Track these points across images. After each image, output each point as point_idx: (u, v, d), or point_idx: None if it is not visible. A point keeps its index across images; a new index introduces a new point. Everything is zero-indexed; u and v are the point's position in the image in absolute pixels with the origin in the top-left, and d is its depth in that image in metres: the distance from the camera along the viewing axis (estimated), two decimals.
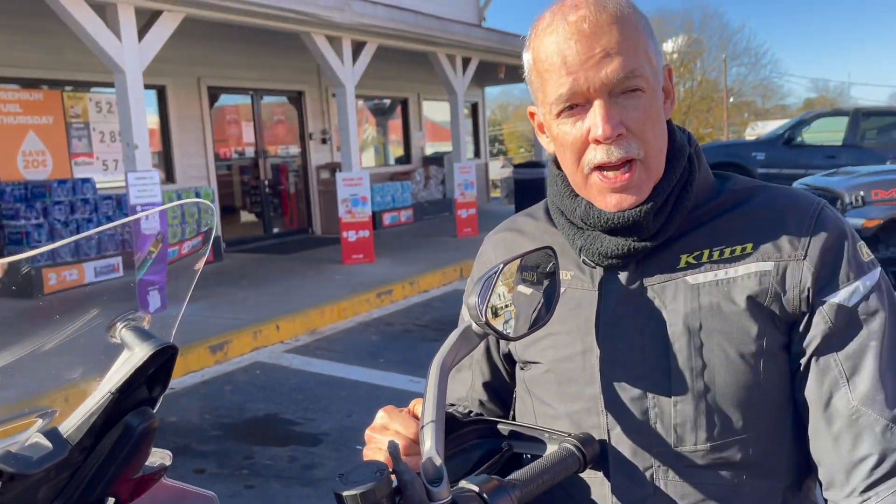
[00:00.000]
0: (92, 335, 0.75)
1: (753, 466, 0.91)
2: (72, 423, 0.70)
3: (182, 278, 0.85)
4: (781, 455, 0.92)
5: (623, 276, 0.95)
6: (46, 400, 0.90)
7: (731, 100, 41.97)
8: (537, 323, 0.92)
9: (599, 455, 0.93)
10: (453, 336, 0.91)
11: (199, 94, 10.23)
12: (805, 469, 0.95)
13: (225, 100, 11.03)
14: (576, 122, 0.90)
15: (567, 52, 0.88)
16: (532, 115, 1.02)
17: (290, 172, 11.94)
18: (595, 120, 0.88)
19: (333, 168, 11.63)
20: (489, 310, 0.87)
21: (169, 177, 9.65)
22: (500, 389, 1.13)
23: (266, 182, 11.47)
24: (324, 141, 12.31)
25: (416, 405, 0.95)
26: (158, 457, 0.83)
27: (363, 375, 5.28)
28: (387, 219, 12.39)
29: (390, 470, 0.76)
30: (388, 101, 14.34)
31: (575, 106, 0.90)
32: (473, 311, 0.87)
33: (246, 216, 11.56)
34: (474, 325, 0.89)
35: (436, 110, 15.45)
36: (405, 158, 14.60)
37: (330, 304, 6.82)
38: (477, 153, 16.51)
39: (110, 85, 8.30)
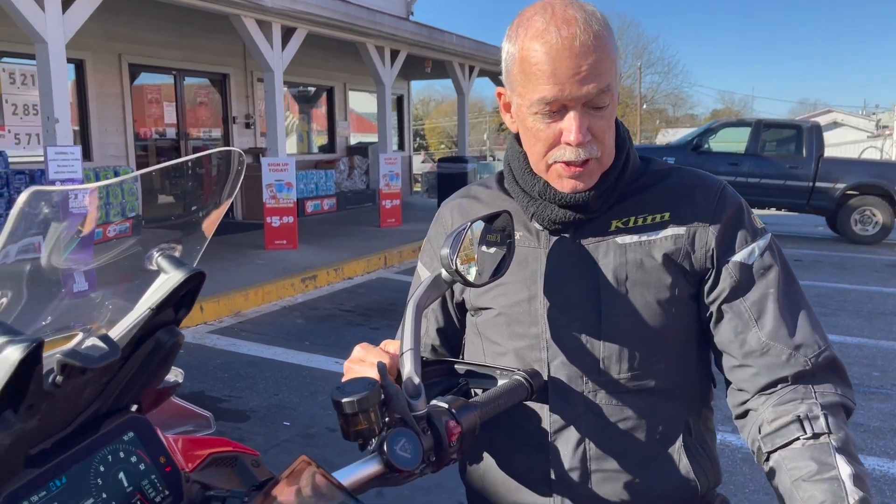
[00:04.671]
0: (129, 264, 0.88)
1: (664, 392, 1.11)
2: (117, 332, 0.83)
3: (196, 234, 0.98)
4: (686, 384, 1.13)
5: (565, 237, 1.14)
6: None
7: (645, 107, 43.55)
8: (497, 273, 1.10)
9: (543, 388, 1.12)
10: (426, 282, 1.07)
11: (119, 71, 9.95)
12: (705, 399, 1.16)
13: (146, 78, 10.75)
14: (550, 123, 1.05)
15: (558, 65, 1.01)
16: (500, 94, 1.16)
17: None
18: (570, 127, 1.04)
19: (257, 153, 11.52)
20: (458, 260, 1.04)
21: (86, 154, 9.35)
22: (451, 335, 1.29)
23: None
24: (247, 125, 12.17)
25: (386, 344, 1.11)
26: (173, 374, 0.96)
27: (289, 357, 5.36)
28: (310, 206, 12.37)
29: (379, 384, 0.92)
30: (312, 89, 14.27)
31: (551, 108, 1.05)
32: (445, 261, 1.02)
33: (165, 198, 11.29)
34: (444, 273, 1.06)
35: (360, 101, 15.47)
36: (329, 147, 14.57)
37: (254, 288, 6.84)
38: (401, 146, 16.63)
39: (26, 56, 8.02)
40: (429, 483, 3.34)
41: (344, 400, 0.88)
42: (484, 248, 1.11)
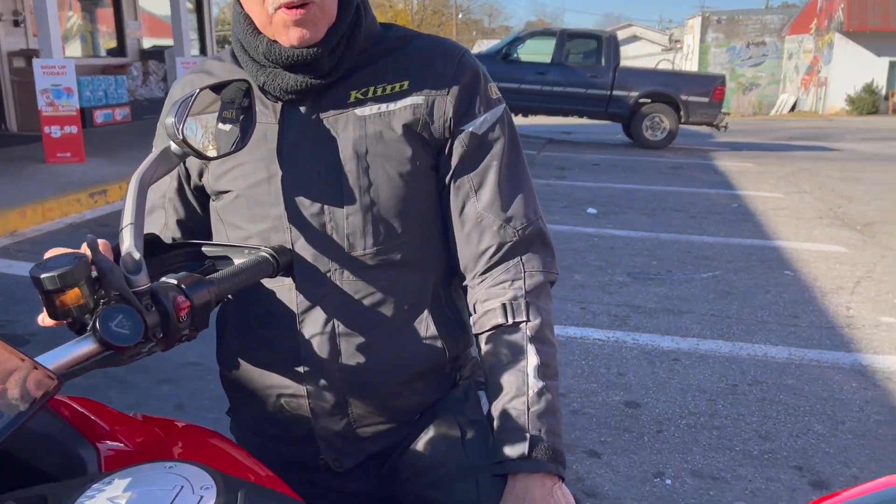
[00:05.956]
0: None
1: (410, 264, 1.11)
2: None
3: None
4: (432, 254, 1.14)
5: (301, 111, 1.07)
6: None
7: (461, 16, 43.72)
8: (236, 146, 1.01)
9: (290, 264, 1.07)
10: (153, 155, 0.96)
11: None
12: (454, 268, 1.17)
13: None
14: None
15: None
16: None
17: None
18: None
19: (30, 55, 10.19)
20: (185, 129, 0.93)
21: None
22: (194, 227, 1.20)
23: None
24: (16, 24, 10.69)
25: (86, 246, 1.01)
26: None
27: None
28: (99, 116, 11.26)
29: (88, 258, 0.81)
30: None
31: None
32: (171, 131, 0.93)
33: None
34: (173, 146, 0.95)
35: (154, 1, 14.09)
36: (119, 51, 13.20)
37: (33, 204, 6.17)
38: (203, 51, 15.47)
39: None
40: None
41: (43, 276, 0.78)
42: (220, 124, 1.01)
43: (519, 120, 14.22)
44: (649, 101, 12.77)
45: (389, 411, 1.13)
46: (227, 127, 1.02)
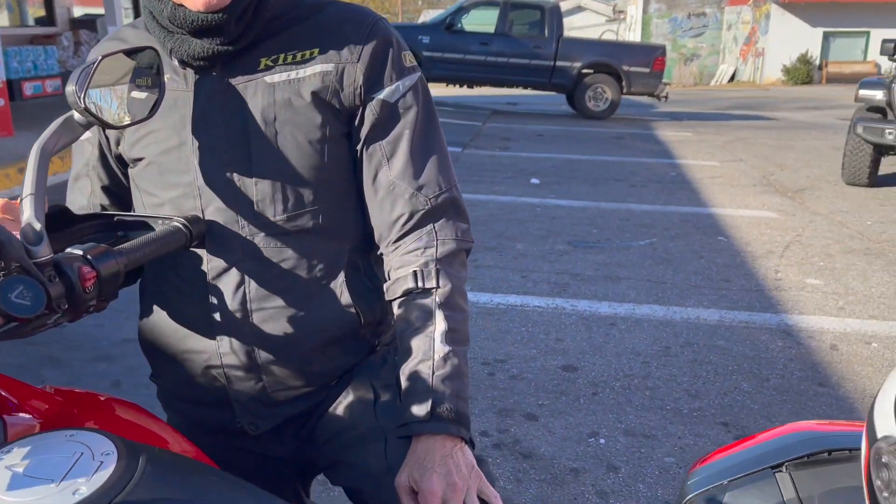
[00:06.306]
0: None
1: (324, 232, 1.11)
2: None
3: None
4: (346, 223, 1.14)
5: (211, 77, 1.07)
6: None
7: None
8: (146, 115, 1.00)
9: (204, 234, 1.07)
10: (55, 123, 0.94)
11: None
12: (370, 236, 1.18)
13: None
14: None
15: None
16: None
17: None
18: None
19: None
20: (87, 96, 0.92)
21: None
22: (119, 194, 1.20)
23: None
24: None
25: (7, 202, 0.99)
26: None
27: None
28: (28, 88, 10.81)
29: None
30: None
31: None
32: (72, 98, 0.91)
33: None
34: (76, 114, 0.94)
35: None
36: (48, 20, 12.66)
37: None
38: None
39: None
40: None
41: None
42: (135, 91, 1.00)
43: (463, 91, 14.20)
44: (592, 71, 12.87)
45: (304, 376, 1.14)
46: (143, 94, 1.01)
